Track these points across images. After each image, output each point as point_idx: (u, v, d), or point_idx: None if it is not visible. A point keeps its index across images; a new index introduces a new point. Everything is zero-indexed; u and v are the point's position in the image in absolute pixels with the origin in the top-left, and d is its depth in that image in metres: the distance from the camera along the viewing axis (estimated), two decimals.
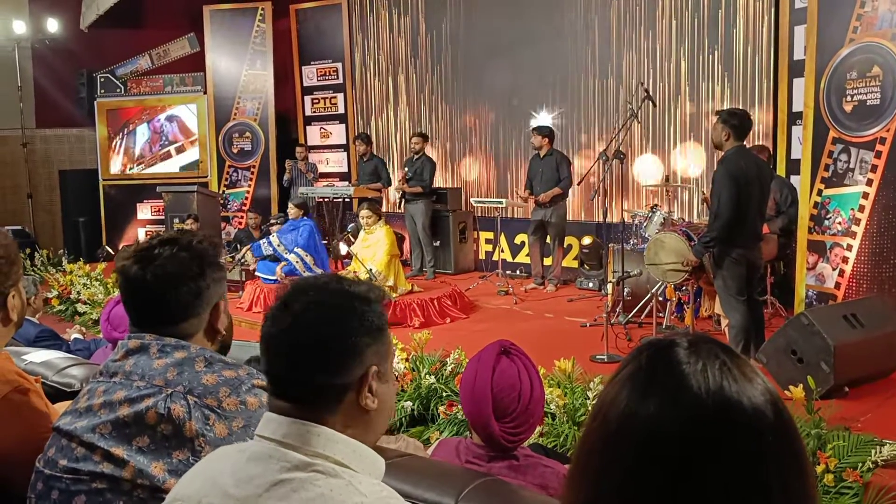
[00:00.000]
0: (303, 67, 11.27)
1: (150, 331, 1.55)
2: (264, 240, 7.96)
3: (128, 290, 1.57)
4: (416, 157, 8.65)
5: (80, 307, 7.60)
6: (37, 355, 2.67)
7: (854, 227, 5.26)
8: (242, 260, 8.04)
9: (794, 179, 6.33)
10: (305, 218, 7.88)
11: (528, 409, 1.88)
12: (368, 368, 1.19)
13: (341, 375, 1.18)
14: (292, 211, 7.94)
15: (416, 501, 1.54)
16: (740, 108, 5.74)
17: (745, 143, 4.77)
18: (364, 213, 7.08)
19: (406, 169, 8.65)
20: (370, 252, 6.91)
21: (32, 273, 8.36)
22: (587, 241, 7.99)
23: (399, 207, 8.90)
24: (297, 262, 7.45)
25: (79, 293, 7.83)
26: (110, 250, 10.60)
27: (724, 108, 6.78)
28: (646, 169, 8.15)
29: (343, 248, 7.48)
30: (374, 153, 9.54)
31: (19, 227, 10.40)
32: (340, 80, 11.03)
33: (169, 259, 1.54)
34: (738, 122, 4.65)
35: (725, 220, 4.57)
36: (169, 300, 1.54)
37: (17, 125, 11.29)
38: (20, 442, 1.62)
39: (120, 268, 1.56)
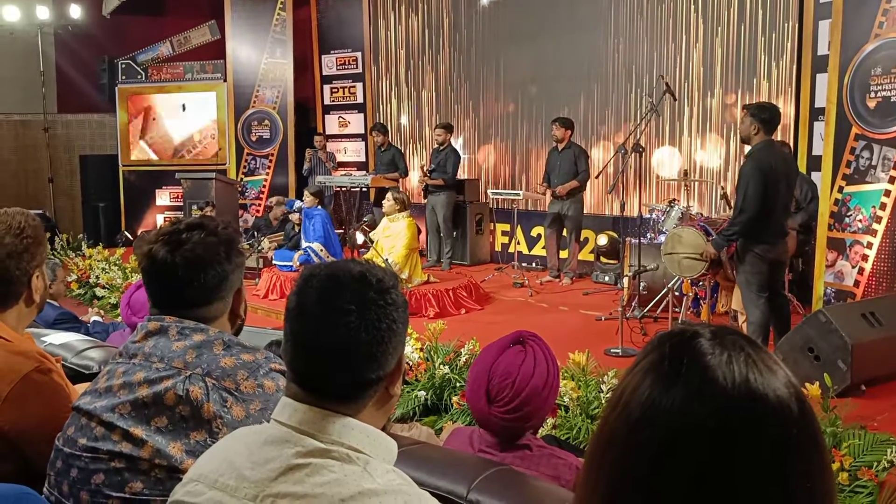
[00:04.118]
0: (322, 56, 11.29)
1: (172, 314, 1.57)
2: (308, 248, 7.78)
3: (154, 273, 1.58)
4: (441, 147, 8.60)
5: (99, 291, 7.68)
6: (56, 337, 2.70)
7: (875, 225, 5.20)
8: (259, 247, 8.09)
9: (814, 176, 6.26)
10: (318, 207, 7.90)
11: (523, 397, 1.84)
12: (401, 356, 1.21)
13: (384, 368, 1.18)
14: (308, 199, 7.95)
15: (430, 489, 1.55)
16: (768, 102, 5.67)
17: (773, 137, 4.72)
18: (387, 201, 7.06)
19: (430, 161, 8.62)
20: (389, 242, 6.91)
21: (52, 257, 8.45)
22: (603, 240, 7.93)
23: (423, 198, 8.87)
24: (312, 253, 7.50)
25: (97, 277, 7.91)
26: (129, 235, 10.69)
27: (750, 102, 6.70)
28: (664, 161, 8.11)
29: (360, 238, 7.49)
30: (392, 143, 9.53)
31: (40, 211, 10.47)
32: (360, 70, 11.03)
33: (198, 243, 1.55)
34: (768, 116, 4.58)
35: (750, 215, 4.52)
36: (196, 284, 1.55)
37: (39, 110, 11.40)
38: (41, 420, 1.64)
39: (147, 251, 1.57)
